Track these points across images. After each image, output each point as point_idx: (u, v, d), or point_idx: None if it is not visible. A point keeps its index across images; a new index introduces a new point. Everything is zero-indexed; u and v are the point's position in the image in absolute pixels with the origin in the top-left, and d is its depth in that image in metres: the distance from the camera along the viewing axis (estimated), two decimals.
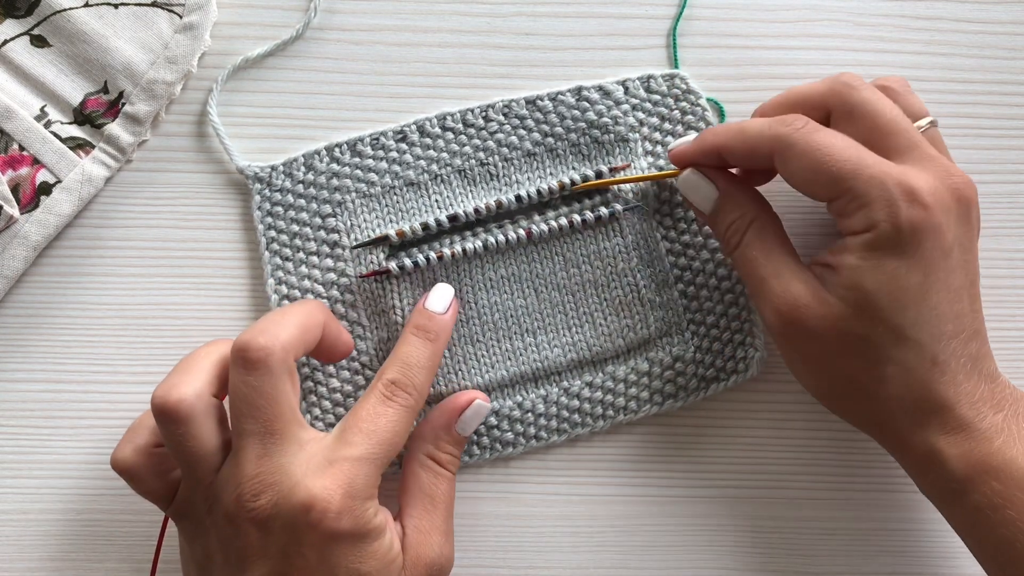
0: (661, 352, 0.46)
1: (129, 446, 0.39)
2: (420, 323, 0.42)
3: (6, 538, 0.46)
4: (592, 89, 0.46)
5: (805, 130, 0.38)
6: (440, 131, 0.46)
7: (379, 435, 0.39)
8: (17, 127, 0.45)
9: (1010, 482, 0.37)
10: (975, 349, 0.38)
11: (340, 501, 0.37)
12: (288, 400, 0.38)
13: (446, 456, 0.43)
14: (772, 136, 0.39)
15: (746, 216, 0.41)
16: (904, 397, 0.38)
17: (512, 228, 0.45)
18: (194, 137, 0.47)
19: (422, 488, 0.42)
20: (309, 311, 0.40)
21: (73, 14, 0.45)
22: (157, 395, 0.37)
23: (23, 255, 0.45)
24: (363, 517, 0.37)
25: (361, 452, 0.38)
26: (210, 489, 0.38)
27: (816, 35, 0.47)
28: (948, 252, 0.37)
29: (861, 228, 0.38)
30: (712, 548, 0.46)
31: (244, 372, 0.37)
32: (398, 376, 0.40)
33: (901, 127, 0.39)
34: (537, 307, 0.45)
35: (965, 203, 0.38)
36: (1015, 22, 0.47)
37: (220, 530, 0.38)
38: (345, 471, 0.37)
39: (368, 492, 0.38)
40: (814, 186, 0.38)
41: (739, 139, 0.40)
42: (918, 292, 0.37)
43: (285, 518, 0.36)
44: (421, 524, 0.41)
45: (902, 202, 0.37)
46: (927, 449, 0.38)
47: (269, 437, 0.37)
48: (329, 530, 0.36)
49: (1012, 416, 0.38)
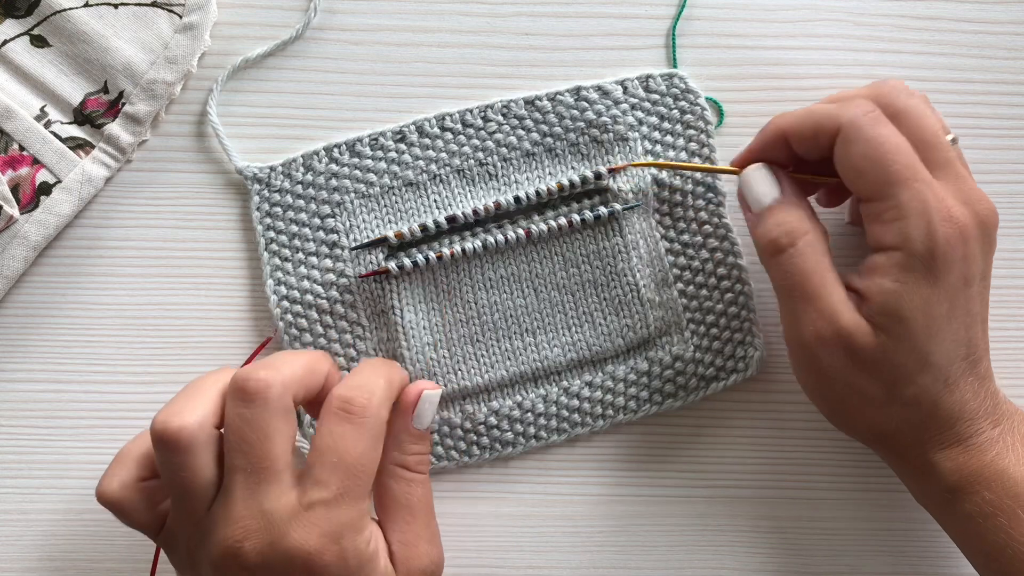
0: (661, 352, 0.46)
1: (116, 480, 0.38)
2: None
3: (6, 538, 0.46)
4: (591, 89, 0.46)
5: (873, 116, 0.38)
6: (439, 131, 0.46)
7: (345, 465, 0.37)
8: (17, 127, 0.45)
9: (1001, 491, 0.38)
10: (982, 369, 0.39)
11: (325, 548, 0.36)
12: (281, 439, 0.36)
13: (413, 458, 0.41)
14: (841, 116, 0.38)
15: (804, 224, 0.40)
16: (913, 416, 0.39)
17: (511, 228, 0.45)
18: (194, 137, 0.47)
19: (396, 500, 0.40)
20: (316, 357, 0.40)
21: (73, 14, 0.45)
22: (158, 421, 0.36)
23: (23, 255, 0.45)
24: (354, 553, 0.37)
25: (334, 492, 0.36)
26: (199, 525, 0.37)
27: (816, 35, 0.47)
28: (971, 281, 0.38)
29: (892, 241, 0.37)
30: (712, 548, 0.46)
31: (241, 404, 0.36)
32: (350, 392, 0.38)
33: (941, 141, 0.39)
34: (537, 307, 0.45)
35: (989, 232, 0.38)
36: (1015, 22, 0.47)
37: (213, 568, 0.37)
38: (322, 516, 0.36)
39: (354, 526, 0.37)
40: (864, 178, 0.38)
41: (807, 118, 0.40)
42: (945, 320, 0.37)
43: (275, 567, 0.36)
44: (405, 537, 0.40)
45: (940, 225, 0.36)
46: (923, 461, 0.39)
47: (254, 476, 0.36)
48: (322, 573, 0.36)
49: (1008, 429, 0.39)
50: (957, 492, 0.38)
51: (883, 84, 0.40)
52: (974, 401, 0.39)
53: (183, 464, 0.36)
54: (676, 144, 0.46)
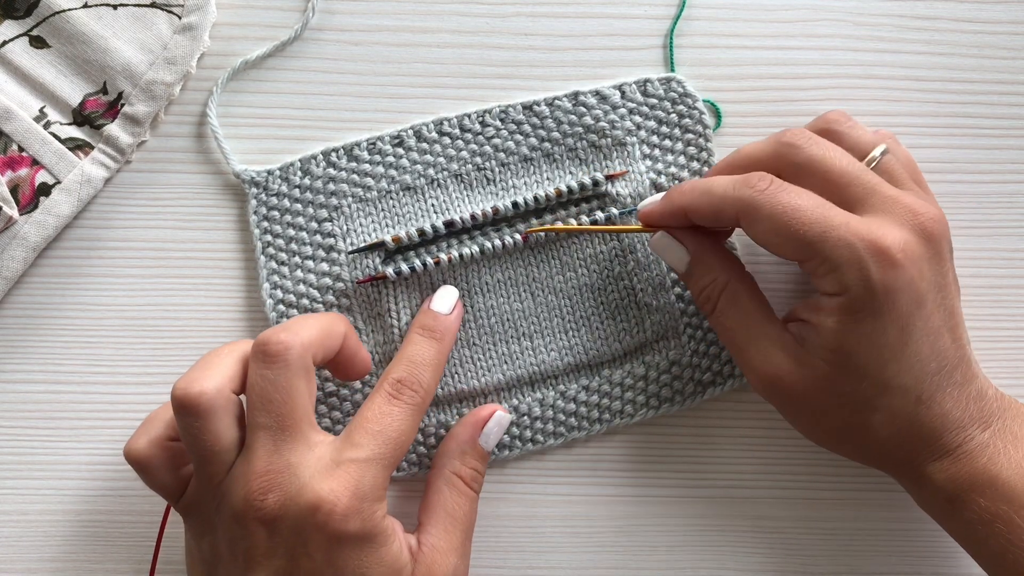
0: (658, 356, 0.46)
1: (144, 438, 0.39)
2: (425, 323, 0.43)
3: (6, 539, 0.46)
4: (588, 94, 0.46)
5: (770, 191, 0.38)
6: (437, 136, 0.46)
7: (385, 435, 0.38)
8: (16, 128, 0.45)
9: (996, 497, 0.37)
10: (961, 375, 0.39)
11: (347, 503, 0.36)
12: (302, 398, 0.38)
13: (470, 471, 0.43)
14: (737, 199, 0.38)
15: (718, 282, 0.41)
16: (894, 436, 0.39)
17: (509, 232, 0.45)
18: (193, 138, 0.47)
19: (444, 506, 0.42)
20: (332, 320, 0.41)
21: (72, 15, 0.45)
22: (178, 387, 0.37)
23: (22, 256, 0.45)
24: (371, 520, 0.37)
25: (368, 453, 0.38)
26: (220, 487, 0.38)
27: (816, 35, 0.47)
28: (923, 300, 0.37)
29: (833, 290, 0.37)
30: (712, 548, 0.46)
31: (262, 365, 0.37)
32: (404, 375, 0.40)
33: (853, 176, 0.38)
34: (534, 311, 0.45)
35: (936, 242, 0.38)
36: (1015, 22, 0.47)
37: (228, 528, 0.38)
38: (352, 472, 0.37)
39: (376, 494, 0.38)
40: (783, 248, 0.38)
41: (705, 200, 0.40)
42: (898, 345, 0.37)
43: (292, 519, 0.36)
44: (438, 543, 0.41)
45: (872, 264, 0.36)
46: (918, 475, 0.39)
47: (280, 433, 0.37)
48: (336, 531, 0.36)
49: (999, 431, 0.39)
50: (955, 501, 0.38)
51: (778, 143, 0.40)
52: (956, 410, 0.38)
53: (204, 428, 0.37)
54: (674, 148, 0.46)
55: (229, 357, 0.39)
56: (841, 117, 0.42)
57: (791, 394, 0.39)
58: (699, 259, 0.41)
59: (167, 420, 0.40)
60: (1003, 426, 0.39)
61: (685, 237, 0.42)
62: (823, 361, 0.38)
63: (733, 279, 0.41)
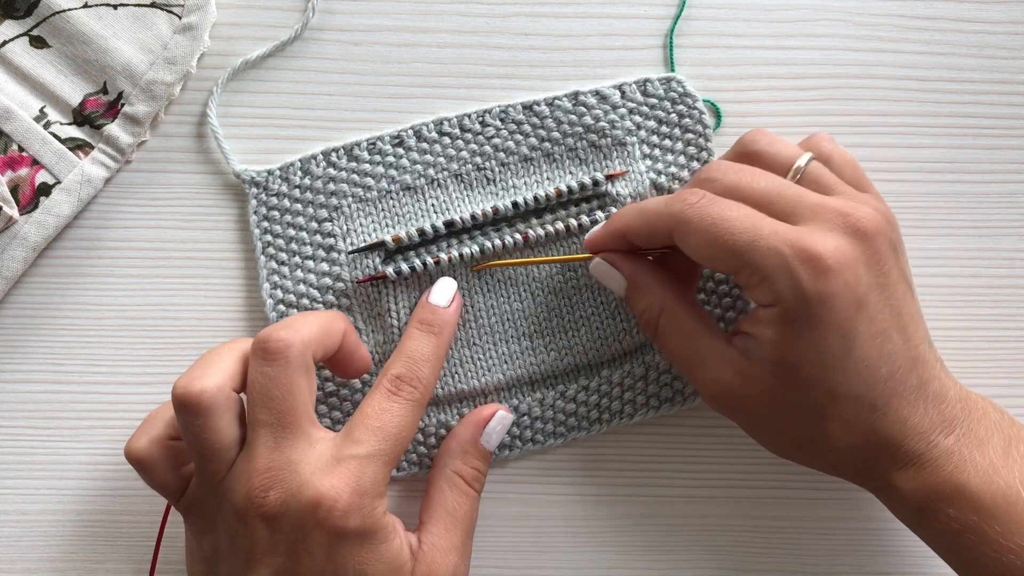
0: (658, 356, 0.46)
1: (144, 437, 0.40)
2: (424, 317, 0.43)
3: (6, 539, 0.46)
4: (588, 93, 0.46)
5: (700, 204, 0.38)
6: (437, 136, 0.46)
7: (385, 431, 0.38)
8: (16, 128, 0.45)
9: (965, 507, 0.36)
10: (916, 378, 0.38)
11: (347, 499, 0.37)
12: (303, 395, 0.38)
13: (472, 471, 0.43)
14: (668, 214, 0.38)
15: (654, 305, 0.41)
16: (852, 445, 0.38)
17: (509, 232, 0.45)
18: (193, 138, 0.47)
19: (445, 505, 0.42)
20: (331, 317, 0.41)
21: (72, 15, 0.45)
22: (179, 385, 0.37)
23: (22, 256, 0.45)
24: (371, 516, 0.37)
25: (368, 450, 0.38)
26: (222, 484, 0.38)
27: (815, 35, 0.47)
28: (863, 302, 0.36)
29: (767, 301, 0.37)
30: (712, 548, 0.46)
31: (263, 363, 0.38)
32: (403, 370, 0.40)
33: (774, 194, 0.38)
34: (534, 311, 0.45)
35: (870, 240, 0.37)
36: (1015, 22, 0.47)
37: (229, 526, 0.38)
38: (352, 469, 0.37)
39: (376, 490, 0.38)
40: (714, 260, 0.38)
41: (640, 219, 0.40)
42: (840, 353, 0.36)
43: (293, 516, 0.37)
44: (439, 541, 0.41)
45: (803, 272, 0.36)
46: (885, 484, 0.39)
47: (281, 430, 0.37)
48: (336, 528, 0.36)
49: (964, 436, 0.38)
50: (924, 512, 0.37)
51: (698, 179, 0.40)
52: (915, 416, 0.37)
53: (205, 426, 0.37)
54: (674, 148, 0.46)
55: (229, 355, 0.39)
56: (758, 136, 0.41)
57: (744, 408, 0.40)
58: (635, 284, 0.41)
59: (167, 419, 0.40)
60: (967, 430, 0.38)
61: (621, 262, 0.42)
62: (768, 373, 0.38)
63: (670, 301, 0.41)
